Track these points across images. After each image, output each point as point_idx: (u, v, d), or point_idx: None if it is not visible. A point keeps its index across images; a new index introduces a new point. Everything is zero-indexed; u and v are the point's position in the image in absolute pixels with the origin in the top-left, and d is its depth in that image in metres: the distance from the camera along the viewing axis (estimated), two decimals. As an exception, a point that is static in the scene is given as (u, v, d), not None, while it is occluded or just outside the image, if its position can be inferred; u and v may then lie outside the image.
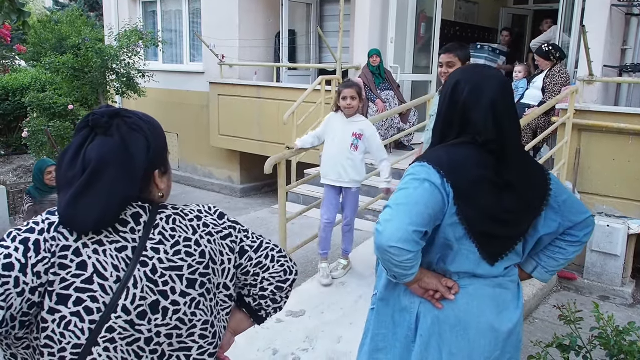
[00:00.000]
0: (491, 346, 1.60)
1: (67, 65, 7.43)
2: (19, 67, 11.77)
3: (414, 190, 1.50)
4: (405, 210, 1.46)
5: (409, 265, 1.48)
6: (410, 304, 1.66)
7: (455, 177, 1.51)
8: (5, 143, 10.04)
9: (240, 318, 1.37)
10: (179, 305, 1.12)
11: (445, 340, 1.60)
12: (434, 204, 1.49)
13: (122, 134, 1.12)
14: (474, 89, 1.59)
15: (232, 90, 7.88)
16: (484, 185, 1.54)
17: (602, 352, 2.25)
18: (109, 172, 1.09)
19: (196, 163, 9.12)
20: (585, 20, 5.25)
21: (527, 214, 1.61)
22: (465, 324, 1.59)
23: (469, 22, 9.34)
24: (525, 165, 1.63)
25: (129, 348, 1.08)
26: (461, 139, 1.59)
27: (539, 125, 5.35)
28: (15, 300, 1.01)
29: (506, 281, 1.64)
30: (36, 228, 1.07)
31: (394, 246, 1.43)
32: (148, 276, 1.10)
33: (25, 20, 4.76)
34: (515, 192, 1.57)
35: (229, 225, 1.27)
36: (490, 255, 1.58)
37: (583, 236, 1.69)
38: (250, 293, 1.33)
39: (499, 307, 1.62)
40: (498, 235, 1.57)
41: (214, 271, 1.20)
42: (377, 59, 6.37)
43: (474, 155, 1.56)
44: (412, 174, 1.55)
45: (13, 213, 6.45)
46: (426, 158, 1.58)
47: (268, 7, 8.39)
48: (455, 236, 1.54)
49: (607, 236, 4.68)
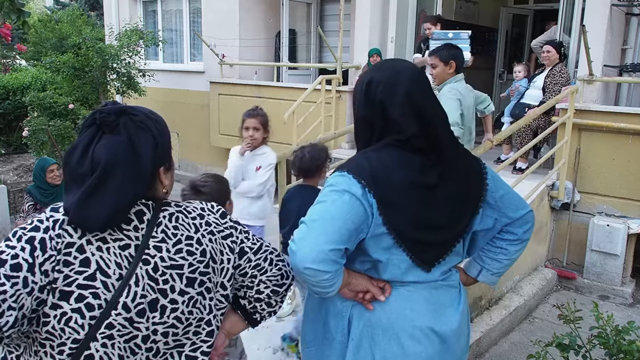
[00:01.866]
0: (427, 352, 1.47)
1: (68, 64, 7.43)
2: (20, 67, 11.77)
3: (332, 204, 1.36)
4: (320, 226, 1.33)
5: (326, 284, 1.35)
6: (343, 307, 1.53)
7: (378, 186, 1.38)
8: (5, 142, 10.04)
9: (235, 320, 1.37)
10: (177, 304, 1.13)
11: (377, 344, 1.48)
12: (354, 218, 1.35)
13: (129, 132, 1.12)
14: (387, 85, 1.46)
15: (232, 89, 7.88)
16: (411, 190, 1.41)
17: (602, 351, 2.25)
18: (118, 172, 1.09)
19: (196, 162, 9.12)
20: (585, 20, 5.25)
21: (463, 214, 1.50)
22: (398, 327, 1.47)
23: (469, 22, 9.33)
24: (458, 159, 1.52)
25: (126, 345, 1.09)
26: (383, 142, 1.46)
27: (540, 125, 5.35)
28: (26, 300, 1.02)
29: (443, 285, 1.53)
30: (41, 226, 1.07)
31: (308, 267, 1.30)
32: (149, 274, 1.11)
33: (25, 19, 4.76)
34: (448, 192, 1.45)
35: (230, 225, 1.27)
36: (425, 262, 1.46)
37: (522, 233, 1.60)
38: (246, 295, 1.33)
39: (436, 310, 1.50)
40: (432, 242, 1.46)
41: (214, 270, 1.20)
42: (377, 58, 6.37)
43: (398, 159, 1.43)
44: (331, 184, 1.41)
45: (13, 212, 6.44)
46: (346, 167, 1.43)
47: (268, 7, 8.39)
48: (383, 246, 1.42)
49: (606, 236, 4.69)
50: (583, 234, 4.93)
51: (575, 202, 5.03)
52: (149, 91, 8.48)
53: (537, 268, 4.92)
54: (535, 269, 4.89)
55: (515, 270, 4.41)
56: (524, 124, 4.68)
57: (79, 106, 7.93)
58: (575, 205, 5.05)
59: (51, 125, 7.41)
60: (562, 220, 5.17)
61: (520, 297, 4.27)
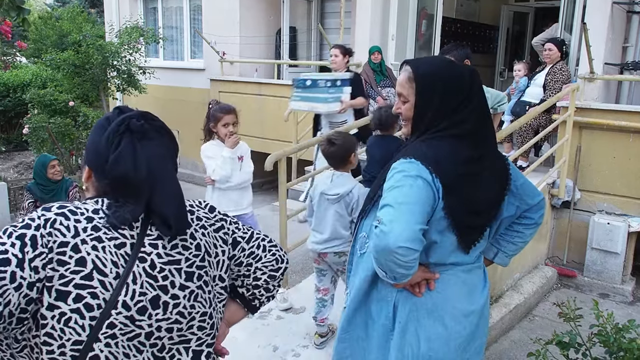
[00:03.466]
0: (465, 331, 1.63)
1: (68, 61, 7.42)
2: (20, 64, 11.76)
3: (410, 188, 1.46)
4: (408, 208, 1.43)
5: (412, 264, 1.45)
6: (387, 293, 1.66)
7: (442, 173, 1.50)
8: (6, 139, 10.05)
9: (235, 308, 1.39)
10: (179, 299, 1.14)
11: (422, 326, 1.61)
12: (429, 201, 1.48)
13: (161, 137, 1.18)
14: (471, 75, 1.62)
15: (232, 87, 7.87)
16: (466, 177, 1.55)
17: (602, 349, 2.25)
18: (171, 172, 1.17)
19: (197, 160, 9.10)
20: (587, 17, 5.24)
21: (496, 199, 1.65)
22: (441, 309, 1.61)
23: (470, 20, 9.32)
24: (494, 152, 1.68)
25: (130, 343, 1.09)
26: (437, 132, 1.58)
27: (540, 123, 5.34)
28: (13, 295, 1.01)
29: (475, 267, 1.69)
30: (32, 224, 1.07)
31: (402, 246, 1.39)
32: (147, 272, 1.11)
33: (25, 17, 4.76)
34: (488, 179, 1.61)
35: (219, 218, 1.30)
36: (467, 244, 1.60)
37: (538, 218, 1.77)
38: (243, 283, 1.35)
39: (471, 290, 1.66)
40: (476, 225, 1.62)
41: (210, 264, 1.22)
42: (378, 56, 6.36)
43: (454, 148, 1.56)
44: (402, 170, 1.51)
45: (14, 209, 6.45)
46: (411, 154, 1.54)
47: (269, 4, 8.38)
48: (439, 229, 1.55)
49: (607, 234, 4.68)
50: (583, 232, 4.93)
51: (575, 200, 5.03)
52: (150, 89, 8.47)
53: (537, 266, 4.92)
54: (536, 267, 4.89)
55: (515, 268, 4.41)
56: (525, 122, 4.67)
57: (79, 104, 7.94)
58: (575, 203, 5.05)
59: (51, 122, 7.42)
60: (562, 218, 5.17)
61: (520, 295, 4.27)
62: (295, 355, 3.08)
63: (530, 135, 5.38)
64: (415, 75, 1.62)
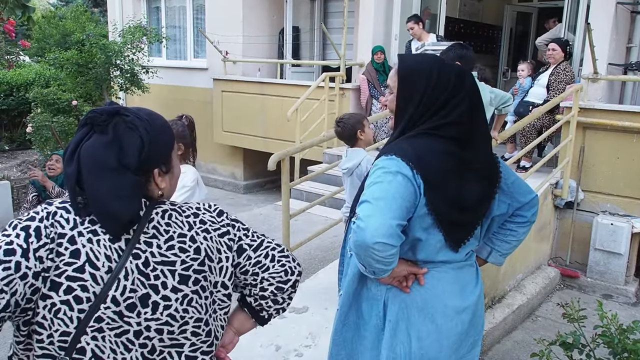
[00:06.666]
0: (457, 329, 1.62)
1: (71, 60, 7.43)
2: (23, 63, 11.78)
3: (389, 184, 1.47)
4: (385, 204, 1.44)
5: (390, 260, 1.46)
6: (377, 291, 1.66)
7: (423, 169, 1.50)
8: (9, 138, 10.06)
9: (243, 318, 1.36)
10: (170, 301, 1.12)
11: (413, 324, 1.61)
12: (409, 197, 1.48)
13: (117, 132, 1.12)
14: (458, 75, 1.60)
15: (235, 86, 7.88)
16: (449, 174, 1.54)
17: (606, 350, 2.25)
18: (98, 170, 1.09)
19: (199, 159, 9.07)
20: (590, 18, 5.22)
21: (485, 196, 1.64)
22: (432, 307, 1.61)
23: (473, 20, 9.31)
24: (484, 150, 1.66)
25: (118, 339, 1.09)
26: (417, 130, 1.57)
27: (544, 123, 5.33)
28: (19, 285, 1.03)
29: (467, 265, 1.68)
30: (36, 216, 1.10)
31: (378, 242, 1.40)
32: (140, 269, 1.11)
33: (30, 15, 4.78)
34: (477, 178, 1.59)
35: (227, 223, 1.26)
36: (455, 242, 1.59)
37: (531, 216, 1.76)
38: (251, 293, 1.31)
39: (462, 288, 1.66)
40: (463, 222, 1.60)
41: (210, 268, 1.19)
42: (381, 56, 6.36)
43: (437, 145, 1.55)
44: (382, 167, 1.52)
45: (17, 208, 6.47)
46: (392, 151, 1.55)
47: (272, 4, 8.38)
48: (423, 226, 1.55)
49: (610, 234, 4.67)
50: (587, 233, 4.91)
51: (579, 200, 5.02)
52: (153, 88, 8.48)
53: (540, 267, 4.91)
54: (539, 268, 4.88)
55: (518, 269, 4.40)
56: (528, 122, 4.66)
57: (83, 103, 7.94)
58: (579, 204, 5.04)
59: (55, 121, 7.43)
60: (565, 218, 5.16)
61: (523, 295, 4.27)
62: (297, 355, 3.08)
63: (533, 136, 5.37)
64: (398, 68, 1.66)
